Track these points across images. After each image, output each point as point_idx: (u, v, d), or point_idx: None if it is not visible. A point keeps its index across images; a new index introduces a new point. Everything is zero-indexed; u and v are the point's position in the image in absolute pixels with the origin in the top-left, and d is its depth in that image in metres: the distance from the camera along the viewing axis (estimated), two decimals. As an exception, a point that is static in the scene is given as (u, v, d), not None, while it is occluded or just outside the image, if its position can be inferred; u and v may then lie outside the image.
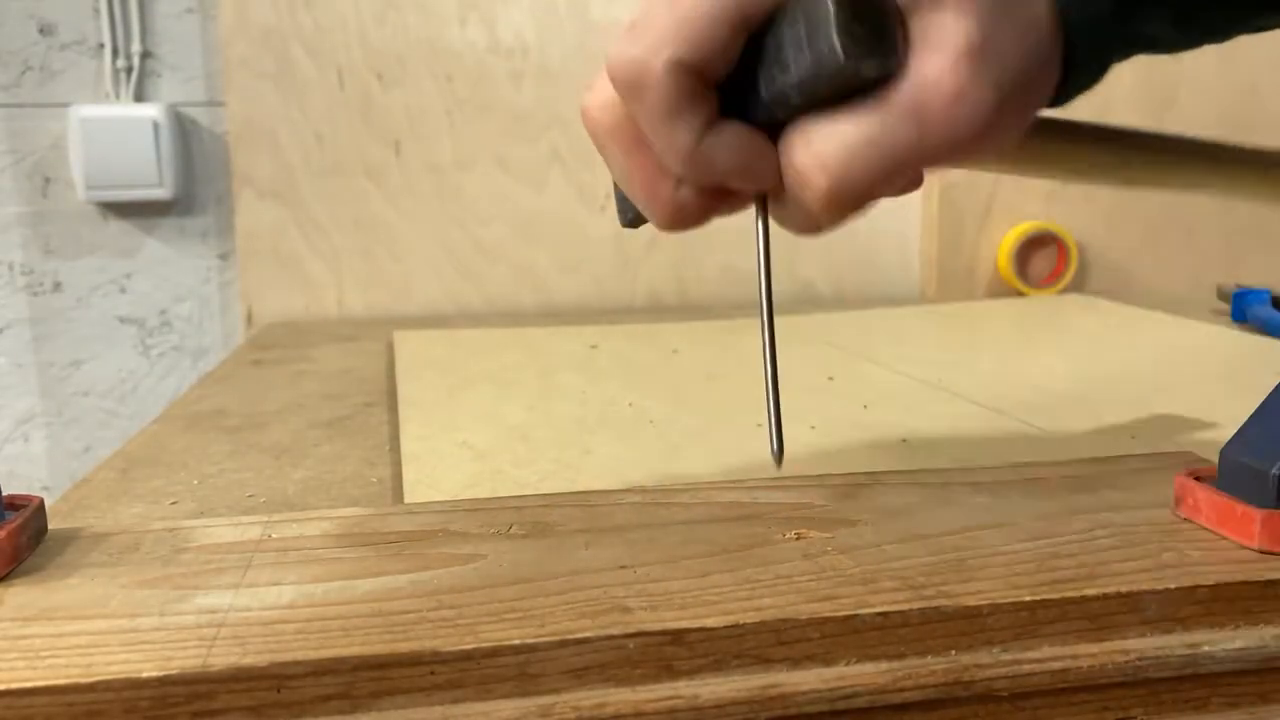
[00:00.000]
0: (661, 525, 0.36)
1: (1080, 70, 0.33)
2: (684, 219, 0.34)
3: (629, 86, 0.31)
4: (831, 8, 0.28)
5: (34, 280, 0.96)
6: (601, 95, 0.33)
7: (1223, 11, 0.36)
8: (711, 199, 0.34)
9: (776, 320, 0.36)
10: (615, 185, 0.38)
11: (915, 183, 0.33)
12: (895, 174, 0.30)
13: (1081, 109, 0.35)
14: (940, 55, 0.29)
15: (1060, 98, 0.34)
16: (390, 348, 0.79)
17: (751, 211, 0.35)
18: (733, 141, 0.31)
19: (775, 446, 0.34)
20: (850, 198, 0.30)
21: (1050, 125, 0.36)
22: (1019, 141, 0.33)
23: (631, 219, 0.38)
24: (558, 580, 0.32)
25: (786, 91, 0.30)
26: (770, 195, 0.33)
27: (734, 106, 0.31)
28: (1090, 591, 0.31)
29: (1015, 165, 0.37)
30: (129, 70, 0.94)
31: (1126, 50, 0.35)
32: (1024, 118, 0.32)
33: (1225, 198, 0.39)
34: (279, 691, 0.27)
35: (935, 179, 1.02)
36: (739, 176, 0.32)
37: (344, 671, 0.27)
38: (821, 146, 0.30)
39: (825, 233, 0.33)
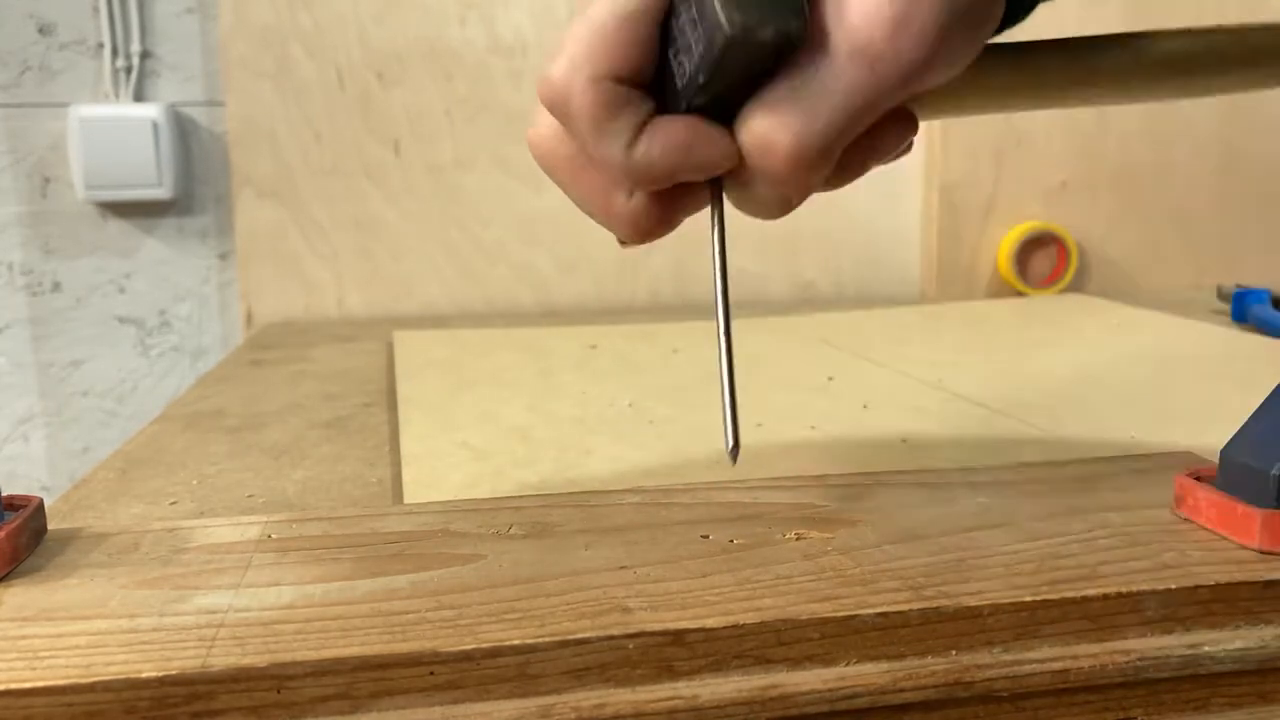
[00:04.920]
0: (661, 525, 0.36)
1: None
2: (644, 228, 0.33)
3: (556, 110, 0.31)
4: None
5: (33, 280, 0.96)
6: (541, 124, 0.33)
7: None
8: (667, 202, 0.33)
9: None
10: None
11: (900, 141, 0.32)
12: (856, 120, 0.29)
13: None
14: None
15: (1006, 22, 0.33)
16: (390, 348, 0.79)
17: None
18: (666, 138, 0.31)
19: (730, 442, 0.33)
20: (816, 154, 0.30)
21: (1000, 50, 0.34)
22: (971, 70, 0.31)
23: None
24: (558, 580, 0.32)
25: (694, 74, 0.29)
26: (732, 179, 0.32)
27: (670, 100, 0.31)
28: (1090, 591, 0.31)
29: (978, 99, 0.36)
30: (128, 70, 0.94)
31: None
32: (976, 37, 0.30)
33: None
34: (279, 692, 0.27)
35: (935, 179, 1.02)
36: (685, 169, 0.31)
37: (344, 672, 0.27)
38: (778, 107, 0.29)
39: (792, 209, 0.32)
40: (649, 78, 0.31)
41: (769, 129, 0.29)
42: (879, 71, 0.28)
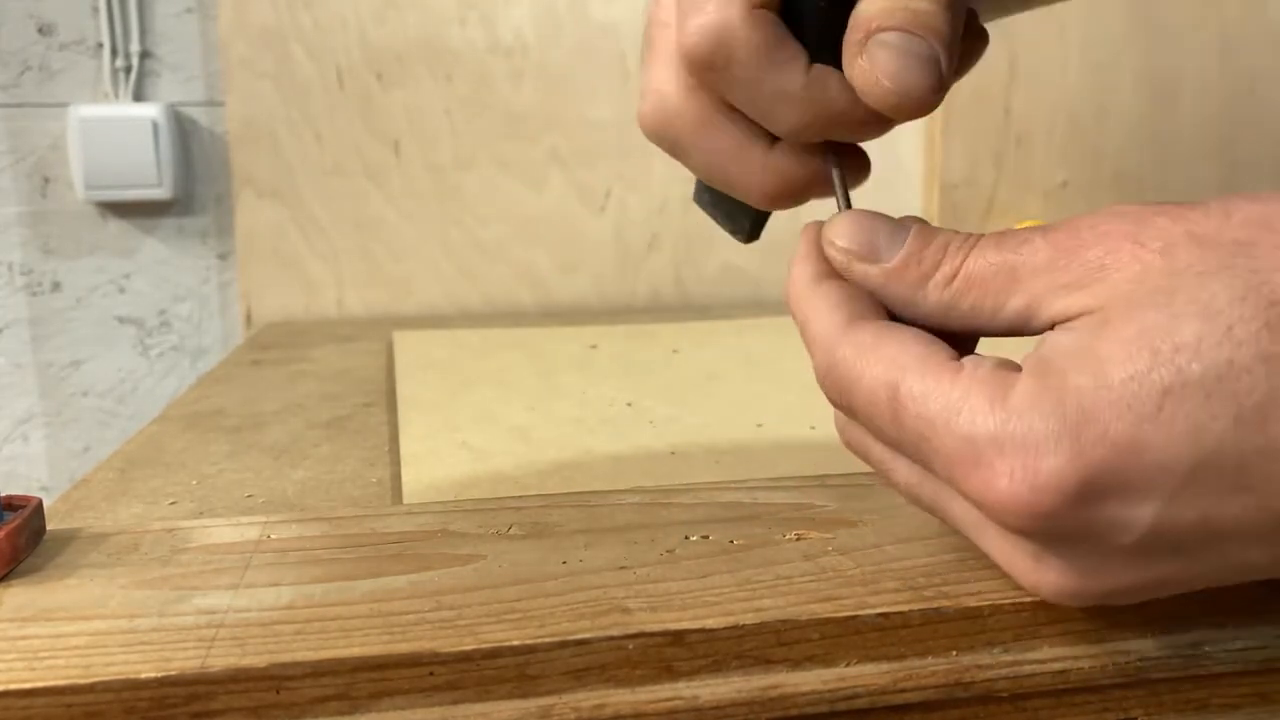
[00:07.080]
0: (661, 525, 0.36)
1: None
2: (787, 185, 0.32)
3: (715, 50, 0.29)
4: None
5: (33, 280, 0.96)
6: (653, 95, 0.32)
7: None
8: (807, 160, 0.32)
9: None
10: (712, 203, 0.35)
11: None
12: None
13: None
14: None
15: None
16: (390, 348, 0.79)
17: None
18: (833, 77, 0.29)
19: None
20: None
21: None
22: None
23: (748, 227, 0.36)
24: (557, 581, 0.32)
25: None
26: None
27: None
28: (1091, 592, 0.31)
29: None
30: (128, 70, 0.94)
31: None
32: None
33: None
34: (278, 692, 0.27)
35: (935, 179, 1.02)
36: (849, 111, 0.29)
37: (343, 672, 0.27)
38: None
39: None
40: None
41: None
42: None
